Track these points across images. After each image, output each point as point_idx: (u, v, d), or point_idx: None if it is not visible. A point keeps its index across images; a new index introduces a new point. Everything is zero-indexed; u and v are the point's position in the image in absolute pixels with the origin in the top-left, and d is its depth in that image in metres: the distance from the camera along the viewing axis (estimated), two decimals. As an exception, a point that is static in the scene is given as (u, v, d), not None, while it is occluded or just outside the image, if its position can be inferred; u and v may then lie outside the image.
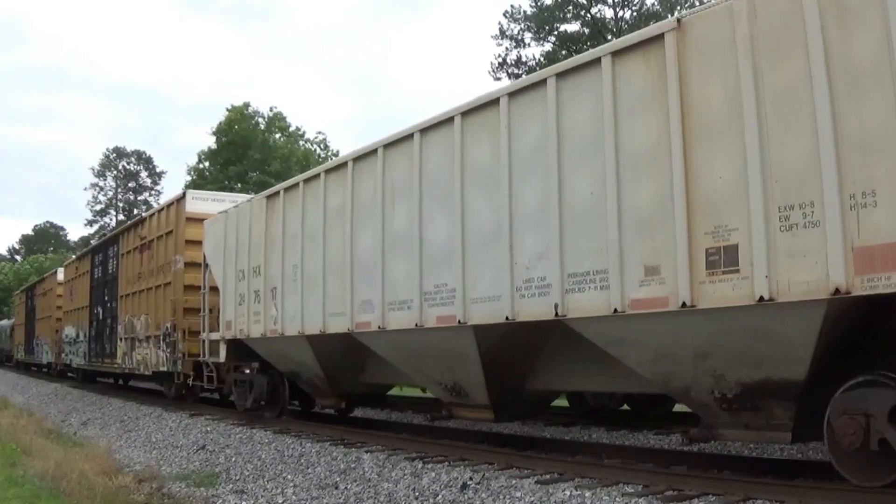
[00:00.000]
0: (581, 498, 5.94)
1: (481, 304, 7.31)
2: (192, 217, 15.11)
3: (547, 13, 39.00)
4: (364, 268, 9.03)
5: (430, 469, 7.61)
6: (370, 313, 8.84)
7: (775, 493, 5.51)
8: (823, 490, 5.43)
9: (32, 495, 7.67)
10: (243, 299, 11.99)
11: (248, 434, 11.06)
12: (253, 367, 12.45)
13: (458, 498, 6.63)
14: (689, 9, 29.33)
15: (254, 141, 41.43)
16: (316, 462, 8.77)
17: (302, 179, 10.75)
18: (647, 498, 5.82)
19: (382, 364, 9.88)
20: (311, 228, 10.27)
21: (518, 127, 7.02)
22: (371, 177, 9.01)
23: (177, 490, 8.61)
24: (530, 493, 6.26)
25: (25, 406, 20.16)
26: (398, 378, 10.68)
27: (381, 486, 7.44)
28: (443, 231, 7.84)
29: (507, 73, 39.28)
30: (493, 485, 6.69)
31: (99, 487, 8.38)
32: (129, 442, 12.73)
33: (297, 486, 8.02)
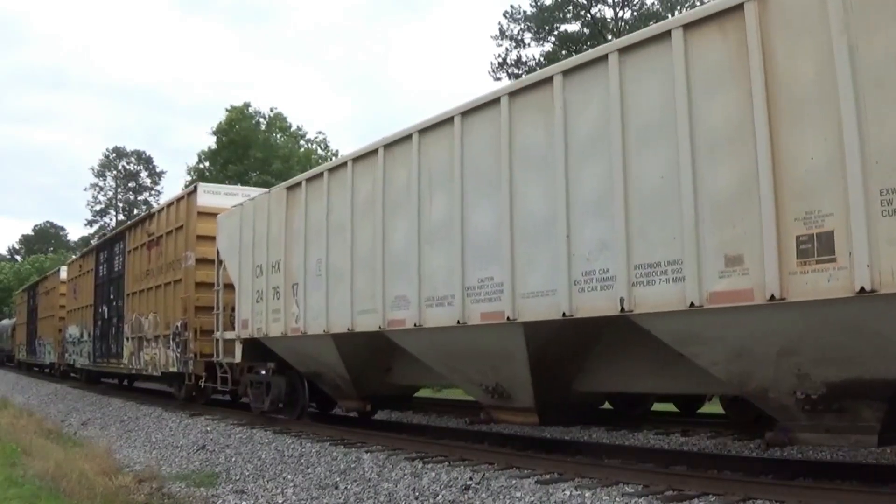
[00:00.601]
0: (581, 498, 5.88)
1: (533, 299, 6.70)
2: (203, 211, 14.39)
3: (547, 13, 38.88)
4: (397, 261, 8.42)
5: (430, 469, 7.54)
6: (404, 310, 8.25)
7: (775, 493, 5.46)
8: (823, 490, 5.41)
9: (32, 495, 7.55)
10: (261, 296, 11.32)
11: (248, 434, 10.95)
12: (269, 367, 11.83)
13: (458, 498, 6.55)
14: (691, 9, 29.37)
15: (255, 141, 41.41)
16: (316, 462, 8.68)
17: (326, 169, 10.07)
18: (647, 498, 5.76)
19: (413, 364, 9.24)
20: (336, 220, 9.60)
21: (575, 107, 6.44)
22: (405, 164, 8.39)
23: (177, 490, 8.48)
24: (530, 493, 6.19)
25: (25, 406, 19.97)
26: (430, 379, 10.06)
27: (381, 486, 7.35)
28: (488, 220, 7.25)
29: (507, 74, 39.09)
30: (493, 485, 6.62)
31: (99, 487, 8.28)
32: (129, 442, 12.55)
33: (297, 486, 7.91)
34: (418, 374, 9.62)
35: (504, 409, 7.98)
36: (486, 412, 8.28)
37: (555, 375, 7.45)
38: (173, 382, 16.07)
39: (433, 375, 9.27)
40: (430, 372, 9.06)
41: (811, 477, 6.23)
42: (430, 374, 9.25)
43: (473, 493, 6.59)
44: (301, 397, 11.68)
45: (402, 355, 9.38)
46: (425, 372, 9.23)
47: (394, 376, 10.21)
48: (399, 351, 9.20)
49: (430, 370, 8.91)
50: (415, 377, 9.98)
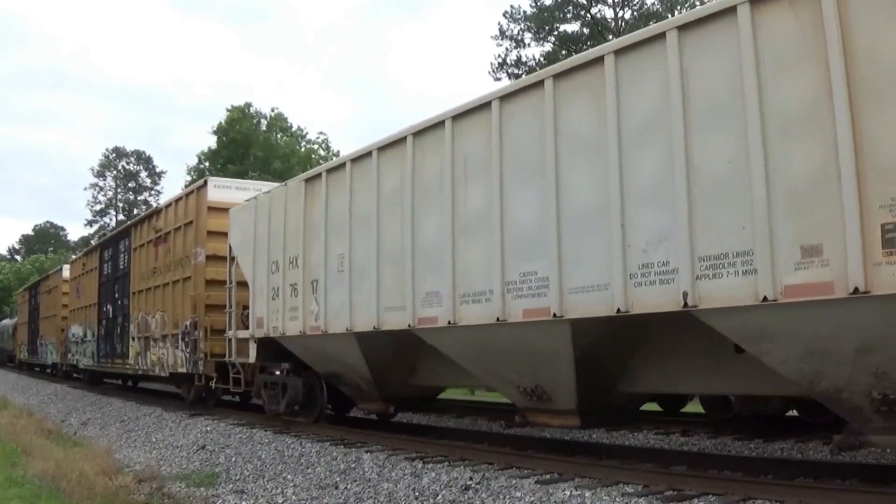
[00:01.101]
0: (581, 498, 5.84)
1: (582, 294, 6.22)
2: (214, 206, 13.71)
3: (547, 13, 38.92)
4: (429, 255, 7.93)
5: (430, 469, 7.48)
6: (437, 307, 7.76)
7: (775, 493, 5.44)
8: (823, 490, 5.40)
9: (32, 495, 7.51)
10: (277, 293, 10.74)
11: (248, 434, 10.84)
12: (283, 367, 11.30)
13: (458, 498, 6.51)
14: (690, 8, 29.39)
15: (255, 140, 41.46)
16: (316, 462, 8.62)
17: (349, 159, 9.45)
18: (647, 498, 5.73)
19: (440, 364, 8.76)
20: (360, 213, 9.06)
21: (629, 88, 5.98)
22: (436, 152, 7.88)
23: (177, 490, 8.42)
24: (530, 493, 6.15)
25: (25, 406, 19.93)
26: (458, 380, 9.45)
27: (381, 486, 7.31)
28: (531, 211, 6.74)
29: (507, 74, 39.08)
30: (493, 485, 6.58)
31: (99, 487, 8.24)
32: (129, 442, 12.46)
33: (297, 486, 7.87)
34: (445, 374, 9.14)
35: (542, 412, 7.47)
36: (522, 415, 7.76)
37: (599, 376, 6.98)
38: (181, 383, 15.54)
39: (463, 376, 8.70)
40: (459, 372, 8.55)
41: (811, 477, 6.21)
42: (460, 375, 8.74)
43: (473, 493, 6.54)
44: (319, 399, 11.08)
45: (428, 355, 8.94)
46: (454, 372, 8.74)
47: (418, 377, 9.70)
48: (425, 350, 8.76)
49: (460, 370, 8.42)
50: (441, 378, 9.51)
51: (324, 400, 11.08)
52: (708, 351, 6.16)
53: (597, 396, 7.09)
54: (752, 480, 5.92)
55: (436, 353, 8.47)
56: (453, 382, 10.14)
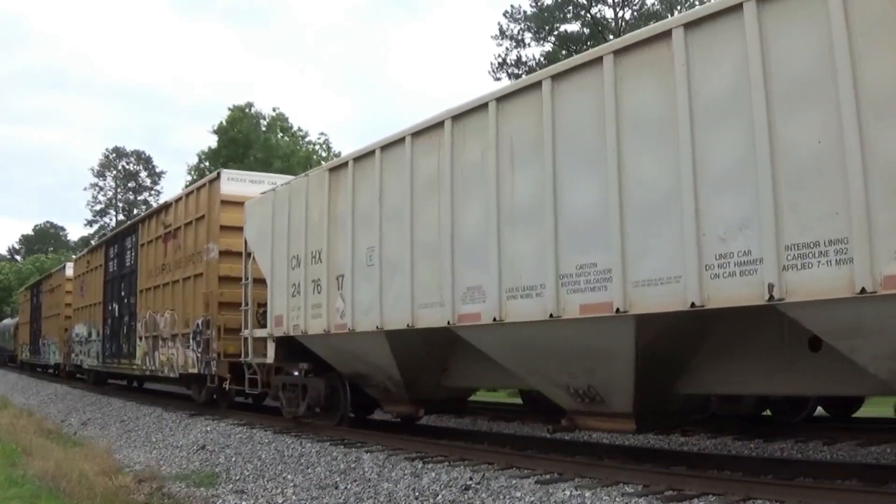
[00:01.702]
0: (581, 498, 5.81)
1: (649, 287, 5.70)
2: (228, 200, 13.10)
3: (547, 13, 38.93)
4: (470, 248, 7.38)
5: (430, 469, 7.43)
6: (479, 303, 7.21)
7: (775, 493, 5.40)
8: (823, 490, 5.37)
9: (32, 495, 7.49)
10: (298, 290, 10.14)
11: (248, 434, 10.78)
12: (302, 368, 10.73)
13: (458, 498, 6.47)
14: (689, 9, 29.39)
15: (255, 140, 41.51)
16: (316, 462, 8.57)
17: (378, 146, 8.80)
18: (647, 498, 5.69)
19: (477, 364, 8.30)
20: (392, 203, 8.50)
21: (701, 64, 5.51)
22: (479, 137, 7.33)
23: (177, 490, 8.37)
24: (530, 493, 6.12)
25: (25, 406, 19.85)
26: (495, 381, 8.94)
27: (381, 486, 7.26)
28: (589, 198, 6.21)
29: (508, 74, 39.10)
30: (493, 485, 6.53)
31: (99, 487, 8.20)
32: (129, 442, 12.39)
33: (297, 486, 7.82)
34: (481, 375, 8.61)
35: (593, 415, 6.94)
36: (570, 418, 7.22)
37: (658, 376, 6.46)
38: (192, 384, 14.86)
39: (502, 377, 8.14)
40: (498, 373, 8.00)
41: (811, 477, 6.20)
42: (499, 376, 8.18)
43: (473, 493, 6.50)
44: (342, 401, 10.43)
45: (462, 354, 8.45)
46: (491, 373, 8.19)
47: (450, 378, 9.10)
48: (460, 349, 8.31)
49: (500, 371, 7.87)
50: (476, 379, 8.92)
51: (347, 402, 10.44)
52: (779, 348, 5.76)
53: (653, 399, 6.57)
54: (752, 480, 5.87)
55: (472, 353, 7.99)
56: (489, 383, 9.55)
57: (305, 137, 44.98)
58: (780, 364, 5.91)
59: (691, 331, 6.12)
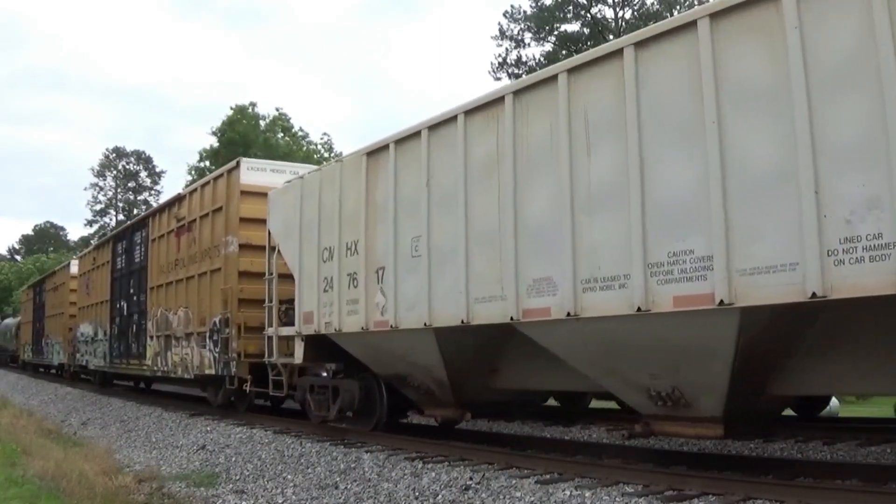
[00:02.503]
0: (581, 498, 5.81)
1: (759, 276, 5.12)
2: (248, 190, 12.37)
3: (547, 13, 38.99)
4: (537, 235, 6.68)
5: (430, 469, 7.42)
6: (549, 296, 6.52)
7: (775, 493, 5.39)
8: (823, 490, 5.36)
9: (32, 495, 7.46)
10: (331, 285, 9.43)
11: (248, 434, 10.76)
12: (329, 368, 10.20)
13: (458, 498, 6.47)
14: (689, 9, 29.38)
15: (254, 141, 41.62)
16: (316, 462, 8.57)
17: (425, 126, 8.10)
18: (647, 498, 5.69)
19: (534, 364, 7.74)
20: (441, 188, 7.82)
21: (817, 27, 4.96)
22: (546, 112, 6.67)
23: (177, 490, 8.35)
24: (530, 493, 6.12)
25: (25, 406, 19.89)
26: (555, 382, 8.21)
27: (381, 486, 7.26)
28: (684, 177, 5.57)
29: (508, 74, 39.29)
30: (493, 485, 6.54)
31: (99, 487, 8.21)
32: (129, 442, 12.38)
33: (297, 486, 7.81)
34: (536, 376, 7.95)
35: (675, 420, 6.29)
36: (646, 423, 6.56)
37: (753, 376, 5.90)
38: (208, 386, 14.13)
39: (563, 378, 7.47)
40: (558, 373, 7.37)
41: (811, 477, 6.21)
42: (558, 376, 7.54)
43: (473, 493, 6.50)
44: (378, 405, 9.73)
45: (516, 353, 7.86)
46: (550, 373, 7.59)
47: (500, 379, 8.35)
48: (513, 348, 7.78)
49: (561, 371, 7.24)
50: (530, 380, 8.20)
51: (383, 406, 9.73)
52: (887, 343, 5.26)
53: (744, 400, 5.97)
54: (752, 480, 5.84)
55: (527, 352, 7.45)
56: (547, 385, 8.79)
57: (306, 138, 45.09)
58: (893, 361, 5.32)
59: (795, 325, 5.59)
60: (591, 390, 9.26)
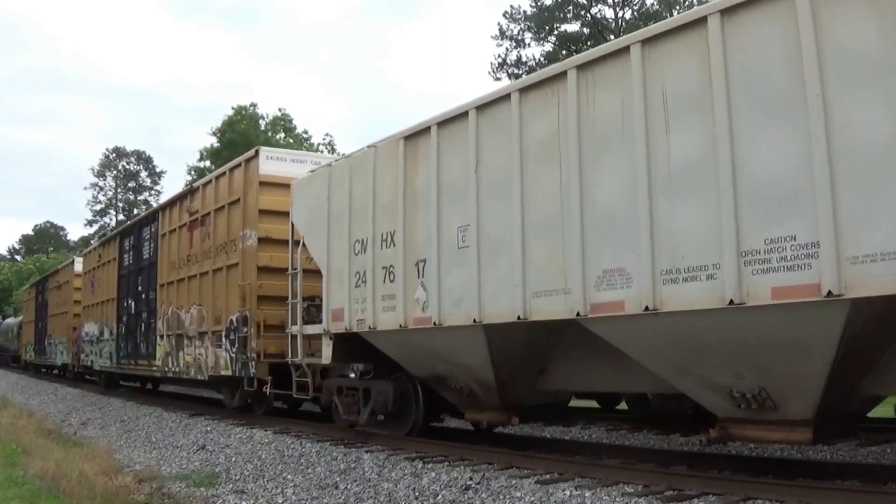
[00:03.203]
0: (581, 498, 5.81)
1: (874, 264, 4.63)
2: (267, 181, 11.74)
3: (547, 13, 39.00)
4: (608, 222, 6.07)
5: (430, 469, 7.41)
6: (622, 288, 5.92)
7: (775, 493, 5.40)
8: (823, 490, 5.35)
9: (32, 495, 7.46)
10: (363, 279, 8.83)
11: (248, 434, 10.74)
12: (356, 368, 9.59)
13: (458, 498, 6.46)
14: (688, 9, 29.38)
15: (255, 141, 41.73)
16: (316, 462, 8.56)
17: (473, 107, 7.49)
18: (647, 498, 5.69)
19: (588, 363, 7.26)
20: (492, 173, 7.22)
21: None
22: (616, 88, 6.09)
23: (177, 490, 8.33)
24: (530, 493, 6.11)
25: (25, 406, 19.89)
26: (612, 383, 7.71)
27: (381, 486, 7.25)
28: (782, 156, 5.07)
29: (508, 74, 39.34)
30: (493, 485, 6.53)
31: (99, 487, 8.19)
32: (129, 442, 12.34)
33: (297, 486, 7.79)
34: (589, 376, 7.50)
35: (758, 424, 5.78)
36: (723, 428, 5.97)
37: (849, 375, 5.45)
38: (223, 388, 13.47)
39: (621, 378, 7.03)
40: (619, 373, 6.93)
41: (811, 477, 6.19)
42: (619, 377, 7.06)
43: (473, 493, 6.48)
44: (413, 408, 9.16)
45: (569, 352, 7.40)
46: (606, 374, 7.16)
47: (549, 380, 7.81)
48: (565, 346, 7.33)
49: (622, 371, 6.81)
50: (581, 381, 7.77)
51: (420, 408, 9.14)
52: None
53: (835, 401, 5.52)
54: (752, 480, 5.84)
55: (582, 350, 7.07)
56: (603, 386, 8.21)
57: (309, 140, 45.24)
58: None
59: None
60: (655, 391, 8.80)
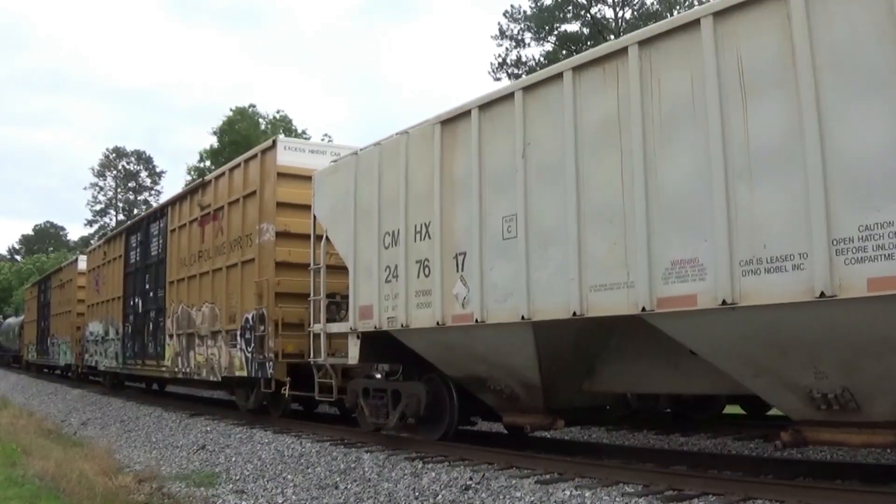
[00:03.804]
0: (581, 498, 5.81)
1: None
2: (286, 172, 11.27)
3: (547, 13, 39.03)
4: (677, 208, 5.62)
5: (430, 469, 7.40)
6: (694, 280, 5.47)
7: (775, 492, 5.39)
8: (823, 490, 5.34)
9: (32, 495, 7.51)
10: (394, 274, 8.35)
11: (248, 434, 10.75)
12: (382, 369, 9.31)
13: (458, 498, 6.47)
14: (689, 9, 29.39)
15: (255, 142, 41.84)
16: (316, 462, 8.56)
17: (520, 87, 7.03)
18: (647, 498, 5.69)
19: (640, 362, 6.92)
20: (543, 158, 6.70)
21: None
22: (685, 65, 5.62)
23: (177, 490, 8.38)
24: (530, 493, 6.12)
25: (25, 406, 19.95)
26: (668, 384, 7.21)
27: (381, 486, 7.26)
28: (878, 135, 4.68)
29: (507, 74, 39.34)
30: (493, 485, 6.53)
31: (99, 487, 8.22)
32: (129, 442, 12.40)
33: (297, 486, 7.82)
34: (643, 377, 7.09)
35: (836, 427, 5.42)
36: (797, 431, 5.59)
37: None
38: (237, 389, 12.80)
39: (680, 379, 6.69)
40: (675, 373, 6.62)
41: (811, 477, 6.19)
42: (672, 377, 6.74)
43: (473, 493, 6.49)
44: (448, 411, 8.61)
45: (617, 351, 7.07)
46: (663, 374, 6.81)
47: (596, 381, 7.43)
48: (615, 344, 7.00)
49: (681, 371, 6.50)
50: (630, 382, 7.35)
51: (455, 411, 8.60)
52: None
53: None
54: (752, 480, 5.84)
55: (636, 348, 6.76)
56: (658, 387, 7.74)
57: (308, 140, 45.38)
58: None
59: None
60: (719, 392, 8.30)
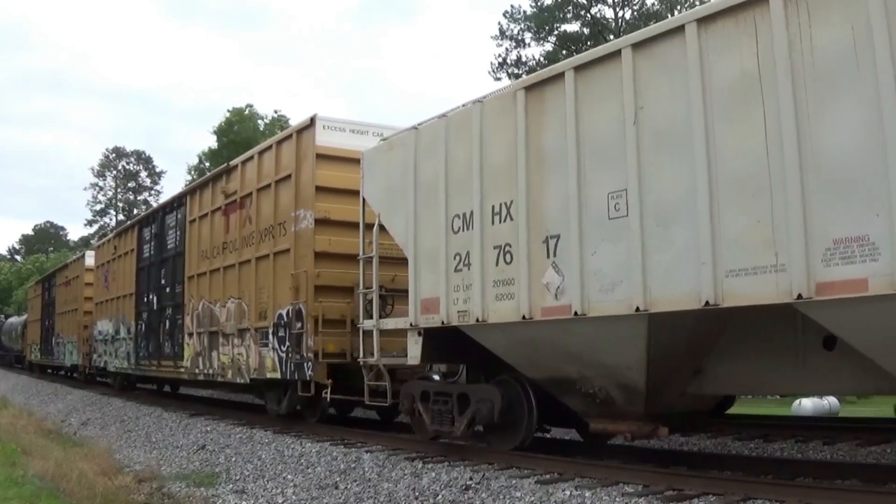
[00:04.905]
0: (581, 498, 5.81)
1: None
2: (326, 154, 10.29)
3: (547, 13, 39.03)
4: (840, 178, 4.80)
5: (430, 469, 7.39)
6: (863, 262, 4.64)
7: (775, 492, 5.39)
8: (823, 490, 5.35)
9: (32, 495, 7.49)
10: (466, 262, 7.45)
11: (248, 434, 10.71)
12: (439, 370, 8.61)
13: (458, 498, 6.48)
14: (689, 8, 29.43)
15: (255, 142, 41.87)
16: (316, 462, 8.53)
17: (628, 44, 6.09)
18: (647, 498, 5.69)
19: (758, 361, 6.21)
20: (661, 123, 5.83)
21: None
22: (843, 11, 4.85)
23: (177, 490, 8.41)
24: (530, 493, 6.12)
25: (25, 406, 20.04)
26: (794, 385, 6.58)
27: (381, 486, 7.26)
28: None
29: (508, 74, 39.37)
30: (493, 485, 6.52)
31: (99, 487, 8.24)
32: (129, 442, 12.39)
33: (297, 486, 7.83)
34: (759, 377, 6.38)
35: None
36: None
37: None
38: (267, 392, 11.71)
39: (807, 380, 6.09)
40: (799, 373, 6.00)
41: (811, 477, 6.21)
42: (799, 377, 6.09)
43: (473, 493, 6.48)
44: (525, 417, 7.61)
45: (730, 347, 6.32)
46: (784, 373, 6.14)
47: (704, 382, 6.62)
48: (727, 341, 6.28)
49: (806, 371, 5.93)
50: (745, 383, 6.65)
51: (534, 418, 7.62)
52: None
53: None
54: (752, 480, 5.85)
55: (754, 345, 6.13)
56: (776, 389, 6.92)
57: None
58: None
59: None
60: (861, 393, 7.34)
